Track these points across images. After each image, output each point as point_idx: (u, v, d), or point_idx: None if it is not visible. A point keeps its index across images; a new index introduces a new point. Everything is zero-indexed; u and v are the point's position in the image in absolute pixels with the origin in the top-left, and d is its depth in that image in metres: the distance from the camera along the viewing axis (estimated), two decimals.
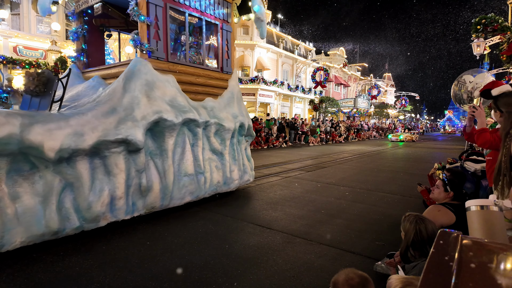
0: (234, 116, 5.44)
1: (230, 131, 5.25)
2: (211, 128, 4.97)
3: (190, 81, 5.07)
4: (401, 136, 24.18)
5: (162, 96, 4.30)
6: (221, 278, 2.64)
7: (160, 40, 4.65)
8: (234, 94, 5.75)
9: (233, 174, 5.34)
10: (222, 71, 5.77)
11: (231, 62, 5.96)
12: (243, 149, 5.88)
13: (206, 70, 5.42)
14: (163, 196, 4.17)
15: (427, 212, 2.77)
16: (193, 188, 4.58)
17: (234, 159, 5.44)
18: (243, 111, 5.79)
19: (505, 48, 9.50)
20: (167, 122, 4.17)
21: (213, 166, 5.00)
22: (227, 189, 5.29)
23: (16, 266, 2.79)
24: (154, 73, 4.36)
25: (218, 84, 5.61)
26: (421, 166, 9.78)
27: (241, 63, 26.60)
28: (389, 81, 54.78)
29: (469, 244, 0.69)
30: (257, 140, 16.47)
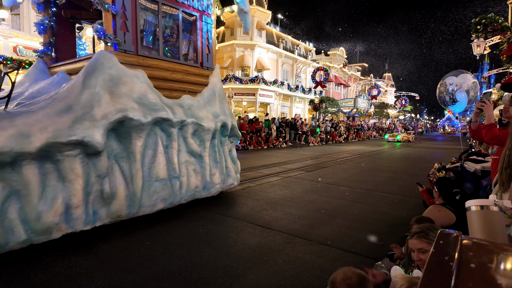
0: (215, 115, 5.04)
1: (210, 131, 4.84)
2: (188, 128, 4.57)
3: (164, 76, 4.69)
4: (398, 137, 23.95)
5: (129, 93, 3.90)
6: (221, 278, 2.64)
7: (128, 32, 4.24)
8: (216, 91, 5.34)
9: (214, 178, 4.94)
10: (202, 66, 5.34)
11: (212, 57, 5.52)
12: (227, 151, 5.49)
13: (183, 65, 5.00)
14: (130, 204, 3.77)
15: (427, 213, 2.77)
16: (166, 194, 4.17)
17: (216, 161, 5.04)
18: (225, 110, 5.38)
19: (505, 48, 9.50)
20: (133, 122, 3.77)
21: (191, 169, 4.62)
22: (207, 194, 4.89)
23: (16, 266, 2.79)
24: (120, 67, 3.97)
25: (197, 80, 5.22)
26: (421, 166, 9.78)
27: (241, 63, 26.61)
28: (389, 81, 54.77)
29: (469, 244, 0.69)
30: (257, 140, 16.47)
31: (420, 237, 1.83)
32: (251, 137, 16.30)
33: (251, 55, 26.87)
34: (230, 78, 25.47)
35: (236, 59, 26.82)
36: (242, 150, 14.65)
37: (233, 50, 26.96)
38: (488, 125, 2.66)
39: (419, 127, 48.25)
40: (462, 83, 6.30)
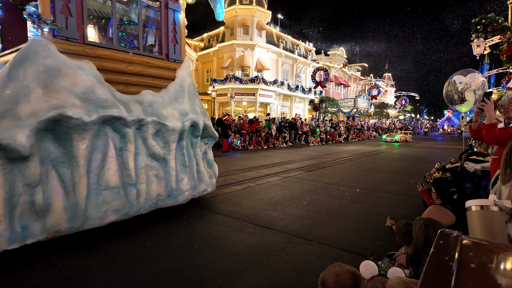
0: (183, 114, 4.52)
1: (176, 131, 4.34)
2: (148, 128, 4.06)
3: (118, 69, 4.15)
4: (396, 137, 23.59)
5: (71, 87, 3.38)
6: (221, 278, 2.64)
7: (72, 16, 3.66)
8: (185, 86, 4.78)
9: (182, 184, 4.42)
10: (167, 58, 4.79)
11: (180, 48, 4.95)
12: (199, 153, 4.96)
13: (143, 57, 4.46)
14: (72, 216, 3.25)
15: (427, 213, 2.77)
16: (119, 204, 3.64)
17: (184, 165, 4.53)
18: (196, 108, 4.85)
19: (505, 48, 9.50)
20: (72, 121, 3.22)
21: (152, 175, 4.12)
22: (174, 203, 4.39)
23: (16, 266, 2.79)
24: (59, 57, 3.42)
25: (161, 74, 4.69)
26: (421, 166, 9.77)
27: (241, 63, 26.62)
28: (389, 81, 54.77)
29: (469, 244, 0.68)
30: (257, 140, 16.47)
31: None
32: (251, 137, 16.30)
33: (251, 55, 26.88)
34: (230, 78, 25.48)
35: (236, 59, 26.83)
36: (242, 150, 14.65)
37: (233, 50, 26.97)
38: (488, 125, 2.66)
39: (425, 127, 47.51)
40: (471, 82, 6.29)
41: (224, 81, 25.70)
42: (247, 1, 26.70)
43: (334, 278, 1.32)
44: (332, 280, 1.31)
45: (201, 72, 31.93)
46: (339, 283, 1.30)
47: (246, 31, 27.11)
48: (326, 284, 1.33)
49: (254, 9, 26.54)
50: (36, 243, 3.11)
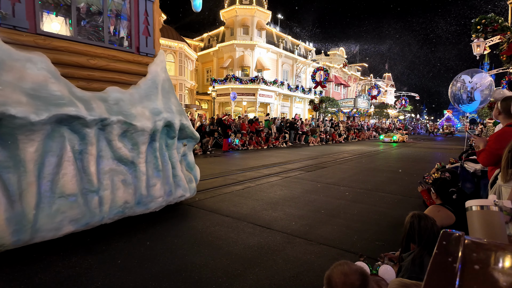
0: (156, 113, 4.19)
1: (146, 132, 3.98)
2: (113, 128, 3.69)
3: (79, 63, 3.78)
4: (394, 137, 23.11)
5: (17, 82, 3.06)
6: (221, 278, 2.63)
7: (20, 3, 3.34)
8: (158, 83, 4.41)
9: (154, 190, 4.07)
10: (138, 52, 4.43)
11: (153, 41, 4.60)
12: (176, 156, 4.57)
13: (108, 50, 4.09)
14: (18, 229, 2.87)
15: (427, 213, 2.77)
16: (77, 214, 3.26)
17: (157, 169, 4.18)
18: (172, 106, 4.49)
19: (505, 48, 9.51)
20: (16, 120, 2.87)
21: (118, 180, 3.77)
22: (144, 211, 4.03)
23: (16, 266, 2.78)
24: (4, 48, 3.09)
25: (130, 69, 4.34)
26: (421, 166, 9.77)
27: (241, 63, 26.63)
28: (389, 81, 54.80)
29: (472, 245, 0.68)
30: (257, 140, 16.47)
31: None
32: (251, 137, 16.31)
33: (251, 55, 26.89)
34: (230, 78, 25.49)
35: (236, 59, 26.84)
36: (242, 150, 14.65)
37: (233, 50, 26.98)
38: (477, 152, 2.85)
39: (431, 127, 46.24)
40: (479, 82, 6.32)
41: (224, 81, 25.71)
42: (247, 1, 26.71)
43: (342, 278, 1.25)
44: (340, 280, 1.24)
45: (201, 72, 31.93)
46: (347, 283, 1.23)
47: (246, 31, 27.11)
48: (333, 283, 1.26)
49: (254, 9, 26.54)
50: (36, 243, 3.11)
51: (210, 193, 5.70)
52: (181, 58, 24.64)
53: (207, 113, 27.72)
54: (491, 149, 2.66)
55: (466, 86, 6.38)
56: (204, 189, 5.98)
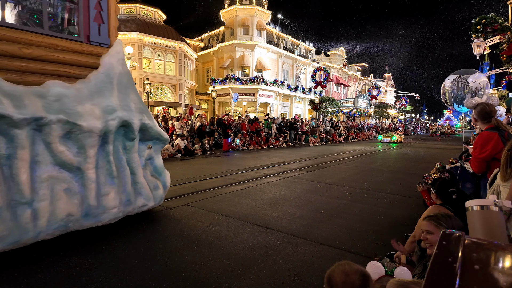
0: (109, 111, 3.68)
1: (95, 133, 3.48)
2: (53, 129, 3.18)
3: (8, 52, 3.27)
4: (394, 137, 22.81)
5: None
6: (221, 278, 2.63)
7: None
8: (113, 77, 3.87)
9: (107, 200, 3.58)
10: (88, 41, 3.89)
11: (107, 29, 4.08)
12: (136, 160, 4.06)
13: (48, 37, 3.54)
14: None
15: (427, 213, 2.77)
16: (2, 230, 2.79)
17: (111, 176, 3.70)
18: (130, 104, 3.99)
19: (505, 48, 9.51)
20: None
21: (60, 189, 3.28)
22: (95, 224, 3.51)
23: (16, 266, 2.78)
24: None
25: (78, 60, 3.80)
26: (421, 166, 9.78)
27: (241, 63, 26.63)
28: (389, 81, 54.80)
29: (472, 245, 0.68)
30: (257, 140, 16.48)
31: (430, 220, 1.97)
32: (251, 137, 16.31)
33: (251, 55, 26.90)
34: (230, 78, 25.49)
35: (236, 59, 26.84)
36: (242, 150, 14.66)
37: (233, 50, 26.98)
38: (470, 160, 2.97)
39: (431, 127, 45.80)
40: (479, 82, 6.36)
41: (224, 81, 25.71)
42: (247, 1, 26.71)
43: (342, 277, 1.24)
44: (341, 279, 1.24)
45: (201, 72, 31.94)
46: (348, 283, 1.22)
47: (246, 31, 27.12)
48: (334, 283, 1.26)
49: (254, 9, 26.55)
50: (36, 243, 3.11)
51: (210, 193, 5.70)
52: (181, 58, 24.65)
53: (207, 113, 27.72)
54: (475, 156, 2.77)
55: (470, 86, 6.38)
56: (204, 189, 5.98)
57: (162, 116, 15.61)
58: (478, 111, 2.83)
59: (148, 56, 23.33)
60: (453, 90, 6.58)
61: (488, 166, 2.76)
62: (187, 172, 8.21)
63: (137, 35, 22.13)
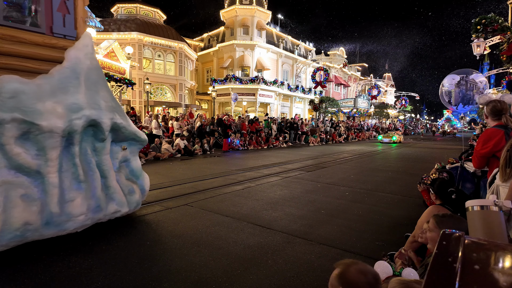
0: (74, 109, 3.38)
1: (57, 134, 3.20)
2: (6, 129, 2.96)
3: None
4: (394, 137, 22.64)
5: None
6: (221, 278, 2.63)
7: None
8: (80, 72, 3.56)
9: (72, 206, 3.29)
10: (52, 33, 3.60)
11: (73, 20, 3.76)
12: (108, 163, 3.78)
13: (1, 28, 3.25)
14: None
15: (427, 213, 2.77)
16: None
17: (78, 180, 3.42)
18: (100, 102, 3.69)
19: (505, 48, 9.52)
20: None
21: (16, 195, 3.01)
22: (58, 233, 3.24)
23: (16, 266, 2.78)
24: None
25: (39, 54, 3.50)
26: (421, 166, 9.77)
27: (241, 63, 26.63)
28: (389, 81, 54.79)
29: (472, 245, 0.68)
30: (257, 140, 16.48)
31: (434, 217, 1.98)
32: (251, 137, 16.31)
33: (251, 55, 26.89)
34: (230, 78, 25.49)
35: (236, 59, 26.84)
36: (242, 150, 14.66)
37: (233, 50, 26.98)
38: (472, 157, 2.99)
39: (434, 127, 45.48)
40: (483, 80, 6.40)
41: (224, 81, 25.71)
42: (247, 1, 26.72)
43: (361, 277, 1.20)
44: (359, 279, 1.19)
45: (201, 72, 31.95)
46: (365, 282, 1.18)
47: (246, 31, 27.11)
48: (350, 282, 1.20)
49: (254, 9, 26.55)
50: (36, 243, 3.11)
51: (210, 193, 5.70)
52: (181, 58, 24.65)
53: (207, 113, 27.72)
54: (476, 151, 2.80)
55: (478, 86, 6.36)
56: (204, 189, 5.98)
57: (162, 116, 15.61)
58: (490, 108, 2.86)
59: (148, 56, 23.33)
60: (462, 90, 6.53)
61: (487, 162, 2.78)
62: (187, 172, 8.21)
63: (137, 35, 22.13)
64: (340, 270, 1.26)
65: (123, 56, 13.80)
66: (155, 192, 5.72)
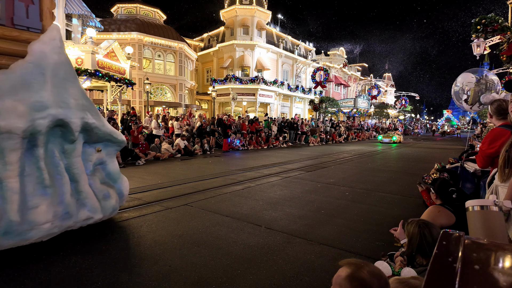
0: (38, 108, 3.13)
1: (16, 135, 2.96)
2: None
3: None
4: (394, 137, 22.45)
5: None
6: (221, 278, 2.63)
7: None
8: (46, 68, 3.29)
9: (35, 214, 3.03)
10: (13, 25, 3.33)
11: (38, 11, 3.51)
12: (79, 166, 3.52)
13: None
14: None
15: (427, 213, 2.77)
16: None
17: (43, 185, 3.16)
18: (69, 100, 3.42)
19: (505, 48, 9.51)
20: None
21: None
22: (19, 243, 2.98)
23: (16, 266, 2.78)
24: None
25: None
26: (421, 166, 9.77)
27: (241, 63, 26.62)
28: (389, 81, 54.78)
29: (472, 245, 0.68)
30: (257, 140, 16.47)
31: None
32: (251, 137, 16.31)
33: (251, 55, 26.88)
34: (230, 78, 25.48)
35: (236, 59, 26.83)
36: (242, 150, 14.65)
37: (233, 50, 26.97)
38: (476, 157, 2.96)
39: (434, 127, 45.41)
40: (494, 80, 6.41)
41: (224, 81, 25.70)
42: (247, 1, 26.71)
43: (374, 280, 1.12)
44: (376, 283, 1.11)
45: (201, 72, 31.94)
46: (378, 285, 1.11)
47: (246, 31, 27.10)
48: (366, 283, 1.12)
49: (254, 9, 26.54)
50: (37, 243, 3.11)
51: (210, 193, 5.70)
52: (181, 58, 24.65)
53: (207, 113, 27.72)
54: (482, 150, 2.75)
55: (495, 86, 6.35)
56: (204, 189, 5.98)
57: (162, 116, 15.61)
58: (495, 107, 2.82)
59: (148, 56, 23.33)
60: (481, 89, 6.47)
61: (492, 162, 2.74)
62: (187, 172, 8.21)
63: (137, 35, 22.13)
64: (351, 271, 1.15)
65: (123, 56, 13.79)
66: (155, 192, 5.73)
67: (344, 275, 1.13)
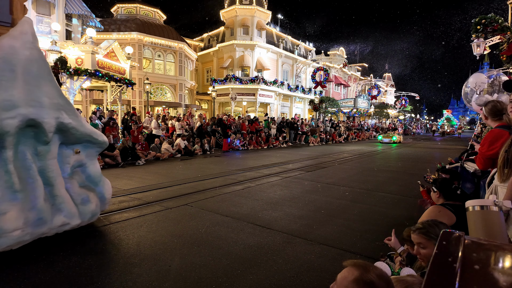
0: (6, 107, 2.93)
1: None
2: None
3: None
4: (394, 137, 22.32)
5: None
6: (221, 278, 2.63)
7: None
8: (15, 64, 3.09)
9: (3, 220, 2.83)
10: None
11: (9, 4, 3.40)
12: (54, 169, 3.30)
13: None
14: None
15: (428, 213, 2.77)
16: None
17: (12, 189, 2.96)
18: (42, 98, 3.22)
19: (505, 48, 9.51)
20: None
21: None
22: None
23: (16, 266, 2.78)
24: None
25: None
26: (421, 166, 9.77)
27: (241, 63, 26.62)
28: (389, 81, 54.75)
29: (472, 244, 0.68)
30: (257, 140, 16.47)
31: (420, 233, 1.81)
32: (251, 137, 16.31)
33: (251, 55, 26.88)
34: (230, 78, 25.48)
35: (236, 59, 26.82)
36: (242, 150, 14.65)
37: (233, 50, 26.97)
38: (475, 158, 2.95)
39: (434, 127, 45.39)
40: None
41: (224, 81, 25.69)
42: (247, 1, 26.70)
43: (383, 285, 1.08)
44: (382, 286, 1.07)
45: (201, 72, 31.94)
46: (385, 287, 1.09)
47: (246, 31, 27.10)
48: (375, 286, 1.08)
49: (254, 9, 26.53)
50: (37, 243, 3.10)
51: (210, 193, 5.70)
52: (181, 58, 24.64)
53: (207, 113, 27.71)
54: (482, 152, 2.74)
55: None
56: (204, 189, 5.98)
57: (162, 116, 15.61)
58: (490, 108, 2.81)
59: (148, 56, 23.32)
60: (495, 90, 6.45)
61: (493, 163, 2.73)
62: (187, 172, 8.21)
63: (137, 35, 22.12)
64: (359, 273, 1.11)
65: (123, 56, 13.80)
66: (155, 192, 5.73)
67: (352, 278, 1.10)
